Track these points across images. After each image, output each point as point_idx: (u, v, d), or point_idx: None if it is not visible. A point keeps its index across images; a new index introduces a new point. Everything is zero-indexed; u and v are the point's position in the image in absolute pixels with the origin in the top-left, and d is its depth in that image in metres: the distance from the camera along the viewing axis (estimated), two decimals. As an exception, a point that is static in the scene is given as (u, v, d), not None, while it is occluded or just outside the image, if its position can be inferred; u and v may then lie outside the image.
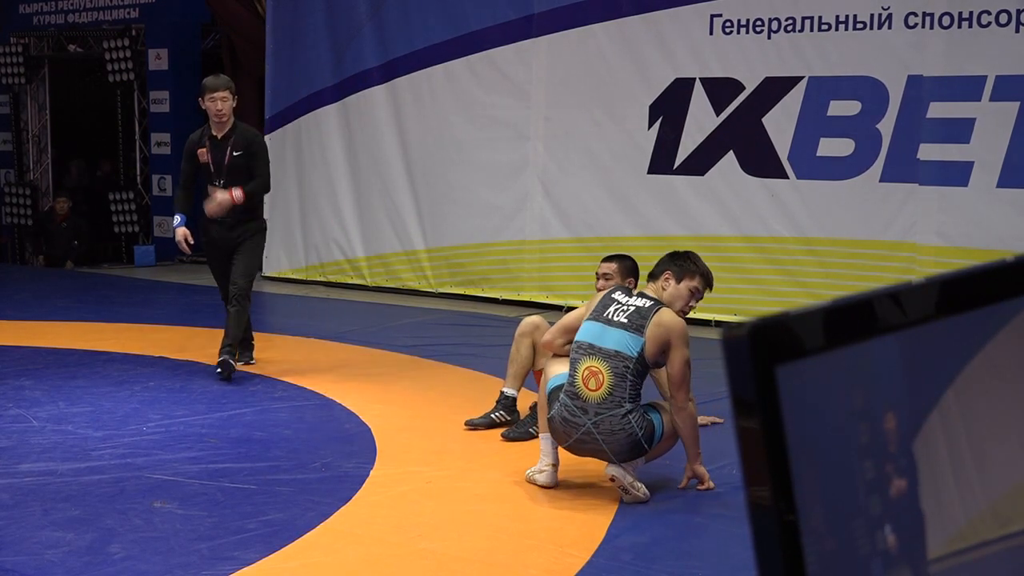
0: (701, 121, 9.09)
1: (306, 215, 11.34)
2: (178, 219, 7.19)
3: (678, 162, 9.22)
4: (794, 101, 8.68)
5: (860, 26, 8.40)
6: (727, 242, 8.97)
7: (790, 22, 8.67)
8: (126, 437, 5.78)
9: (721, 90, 8.98)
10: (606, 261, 5.76)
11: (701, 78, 9.06)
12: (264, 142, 7.33)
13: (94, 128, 14.47)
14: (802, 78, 8.64)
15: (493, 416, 5.91)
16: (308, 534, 4.41)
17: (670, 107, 9.22)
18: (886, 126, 8.32)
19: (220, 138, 7.05)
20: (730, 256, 8.89)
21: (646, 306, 4.76)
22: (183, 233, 7.11)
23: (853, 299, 0.72)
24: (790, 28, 8.68)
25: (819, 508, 0.68)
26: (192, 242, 7.12)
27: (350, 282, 11.06)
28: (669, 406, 4.82)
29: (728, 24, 8.92)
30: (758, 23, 8.80)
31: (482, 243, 10.24)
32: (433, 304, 10.18)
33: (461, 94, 10.25)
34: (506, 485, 5.06)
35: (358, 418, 6.21)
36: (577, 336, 4.83)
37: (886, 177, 8.36)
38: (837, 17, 8.48)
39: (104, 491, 4.91)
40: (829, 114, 8.57)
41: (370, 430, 5.96)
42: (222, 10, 12.21)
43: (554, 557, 4.22)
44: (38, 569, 4.05)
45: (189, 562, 4.12)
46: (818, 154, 8.63)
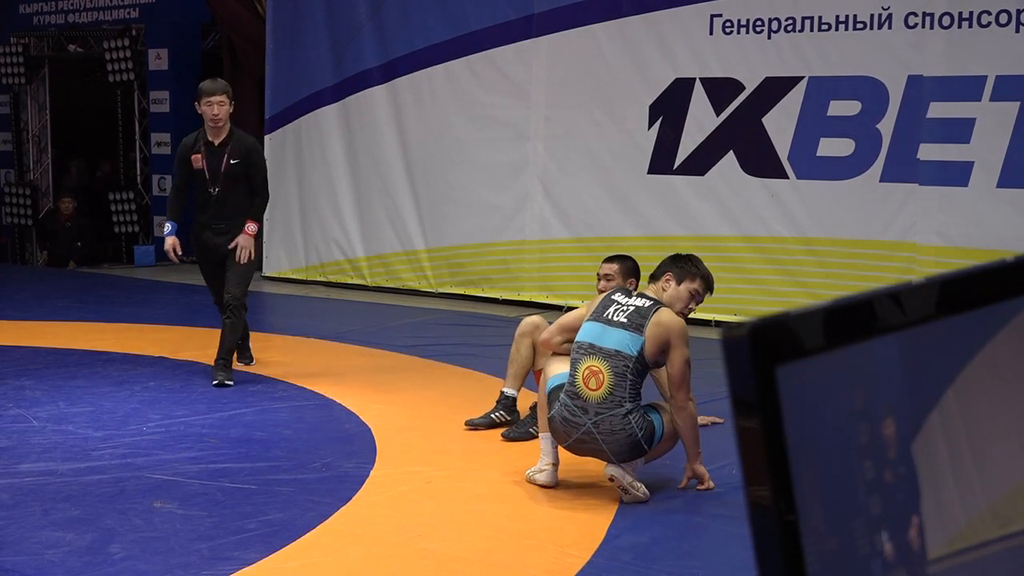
0: (701, 121, 9.09)
1: (306, 215, 11.34)
2: (168, 227, 7.00)
3: (678, 162, 9.22)
4: (794, 101, 8.67)
5: (860, 26, 8.40)
6: (727, 242, 8.97)
7: (790, 22, 8.67)
8: (126, 437, 5.78)
9: (721, 90, 8.98)
10: (608, 262, 5.76)
11: (701, 78, 9.06)
12: (262, 150, 7.11)
13: (94, 128, 14.47)
14: (802, 78, 8.64)
15: (493, 416, 5.91)
16: (308, 534, 4.41)
17: (670, 107, 9.22)
18: (886, 126, 8.32)
19: (217, 144, 6.84)
20: (730, 256, 8.89)
21: (645, 306, 4.77)
22: (172, 243, 6.94)
23: (853, 299, 0.72)
24: (790, 28, 8.68)
25: (819, 508, 0.68)
26: (180, 252, 6.96)
27: (350, 282, 11.06)
28: (669, 406, 4.83)
29: (728, 24, 8.92)
30: (758, 23, 8.80)
31: (482, 243, 10.24)
32: (433, 304, 10.18)
33: (461, 94, 10.24)
34: (506, 485, 5.06)
35: (358, 418, 6.21)
36: (578, 336, 4.85)
37: (886, 177, 8.36)
38: (837, 17, 8.48)
39: (104, 491, 4.91)
40: (829, 114, 8.57)
41: (370, 430, 5.96)
42: (222, 10, 12.21)
43: (554, 557, 4.22)
44: (38, 569, 4.05)
45: (189, 562, 4.12)
46: (818, 154, 8.63)
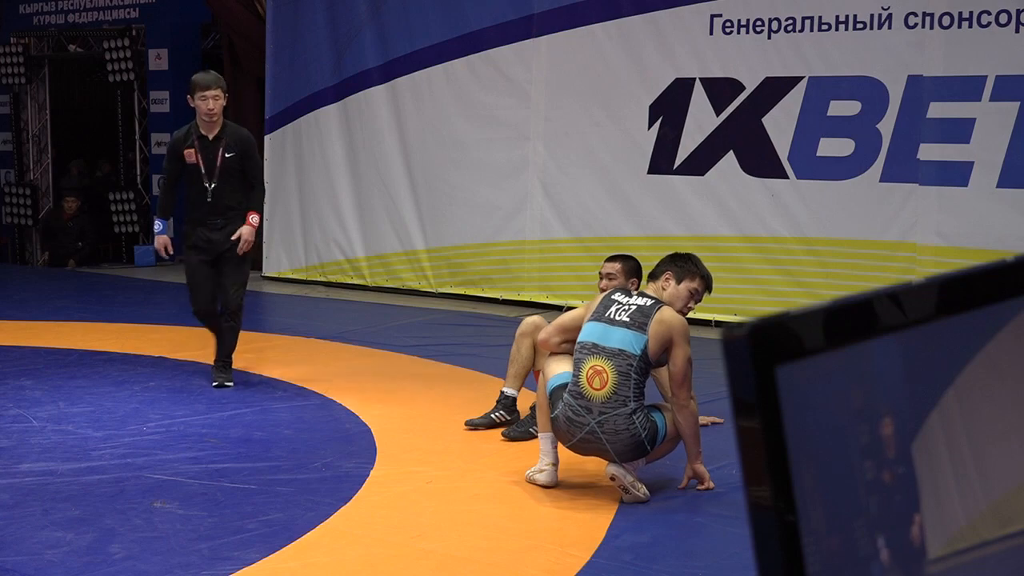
0: (701, 121, 9.09)
1: (306, 215, 11.34)
2: (159, 225, 6.86)
3: (678, 162, 9.22)
4: (794, 101, 8.67)
5: (860, 26, 8.39)
6: (727, 242, 8.97)
7: (790, 22, 8.67)
8: (126, 437, 5.78)
9: (721, 90, 8.98)
10: (610, 261, 5.76)
11: (701, 78, 9.06)
12: (255, 141, 6.97)
13: (94, 128, 14.48)
14: (802, 78, 8.64)
15: (493, 416, 5.91)
16: (308, 534, 4.41)
17: (670, 107, 9.22)
18: (886, 126, 8.32)
19: (211, 138, 6.67)
20: (730, 256, 8.89)
21: (647, 304, 4.77)
22: (163, 242, 6.81)
23: (853, 299, 0.72)
24: (790, 28, 8.68)
25: (819, 508, 0.68)
26: (171, 252, 6.87)
27: (350, 282, 11.06)
28: (671, 407, 4.83)
29: (728, 24, 8.92)
30: (758, 23, 8.80)
31: (482, 243, 10.24)
32: (433, 304, 10.18)
33: (461, 94, 10.24)
34: (506, 485, 5.05)
35: (358, 418, 6.21)
36: (580, 336, 4.84)
37: (886, 177, 8.36)
38: (837, 17, 8.48)
39: (104, 491, 4.91)
40: (829, 114, 8.57)
41: (370, 430, 5.96)
42: (222, 10, 12.20)
43: (554, 557, 4.22)
44: (38, 569, 4.05)
45: (189, 562, 4.11)
46: (818, 154, 8.63)
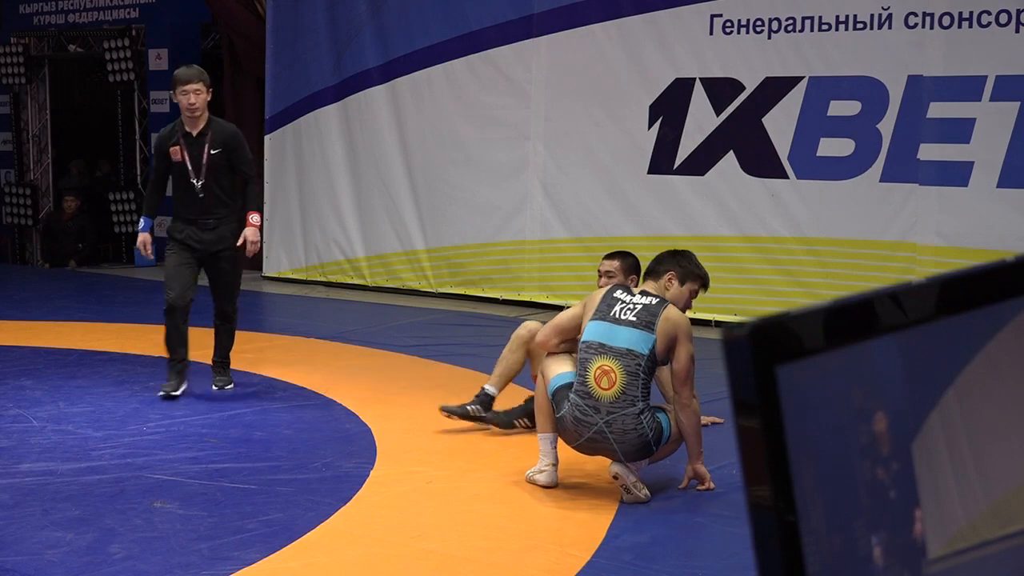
0: (701, 121, 9.09)
1: (306, 215, 11.34)
2: (143, 223, 6.71)
3: (678, 162, 9.22)
4: (794, 101, 8.67)
5: (860, 26, 8.39)
6: (727, 242, 8.97)
7: (790, 22, 8.67)
8: (126, 437, 5.78)
9: (721, 90, 8.98)
10: (608, 259, 5.75)
11: (701, 78, 9.06)
12: (241, 135, 6.76)
13: (94, 128, 14.47)
14: (802, 78, 8.64)
15: (469, 408, 5.84)
16: (308, 534, 4.41)
17: (670, 107, 9.22)
18: (886, 126, 8.32)
19: (196, 135, 6.49)
20: (730, 256, 8.89)
21: (653, 303, 4.76)
22: (144, 239, 6.63)
23: (853, 299, 0.72)
24: (790, 28, 8.67)
25: (819, 508, 0.68)
26: (152, 254, 6.72)
27: (350, 282, 11.06)
28: (673, 407, 4.83)
29: (728, 24, 8.92)
30: (758, 23, 8.80)
31: (482, 243, 10.24)
32: (433, 304, 10.18)
33: (461, 94, 10.24)
34: (506, 485, 5.05)
35: (358, 418, 6.21)
36: (585, 336, 4.82)
37: (886, 177, 8.36)
38: (837, 17, 8.48)
39: (104, 491, 4.91)
40: (829, 114, 8.57)
41: (370, 430, 5.96)
42: (222, 10, 12.20)
43: (554, 557, 4.22)
44: (38, 569, 4.05)
45: (189, 562, 4.11)
46: (818, 154, 8.63)
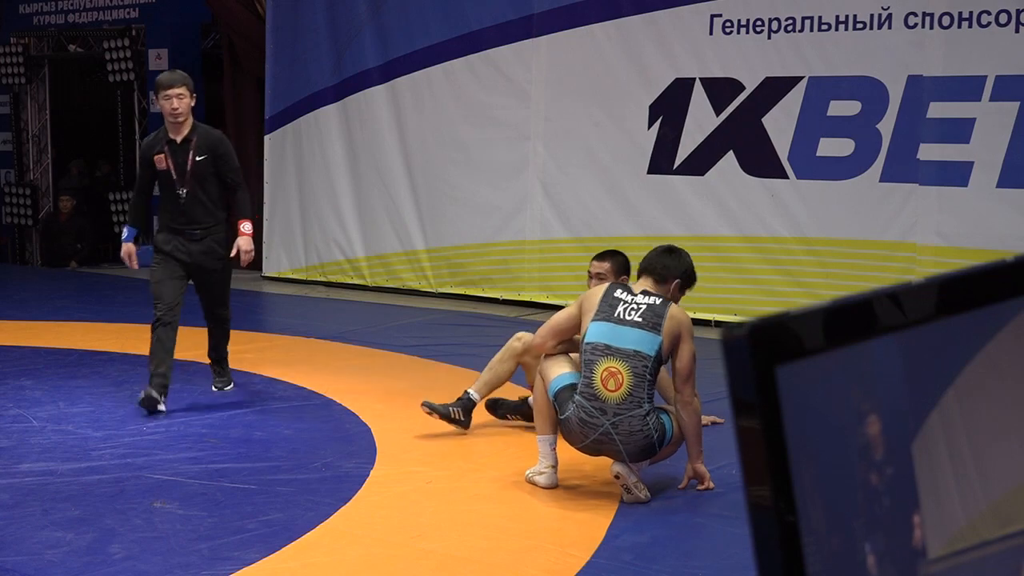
0: (701, 121, 9.09)
1: (306, 215, 11.34)
2: (126, 232, 6.55)
3: (678, 162, 9.22)
4: (794, 101, 8.67)
5: (860, 26, 8.39)
6: (727, 242, 8.97)
7: (790, 22, 8.67)
8: (126, 437, 5.78)
9: (721, 90, 8.97)
10: (598, 260, 5.71)
11: (701, 78, 9.06)
12: (228, 141, 6.58)
13: (94, 128, 14.47)
14: (802, 78, 8.64)
15: (451, 409, 5.80)
16: (308, 534, 4.41)
17: (670, 107, 9.22)
18: (886, 126, 8.32)
19: (180, 141, 6.32)
20: (730, 256, 8.90)
21: (657, 303, 4.76)
22: (128, 251, 6.50)
23: (853, 299, 0.72)
24: (790, 28, 8.67)
25: (819, 508, 0.68)
26: (136, 265, 6.59)
27: (350, 282, 11.06)
28: (674, 408, 4.83)
29: (728, 24, 8.92)
30: (758, 23, 8.80)
31: (482, 243, 10.24)
32: (433, 304, 10.18)
33: (461, 94, 10.24)
34: (506, 485, 5.05)
35: (358, 418, 6.21)
36: (589, 337, 4.78)
37: (886, 177, 8.35)
38: (837, 17, 8.48)
39: (104, 491, 4.91)
40: (829, 114, 8.57)
41: (370, 430, 5.96)
42: (222, 10, 12.21)
43: (554, 557, 4.22)
44: (38, 569, 4.05)
45: (189, 562, 4.11)
46: (818, 154, 8.63)
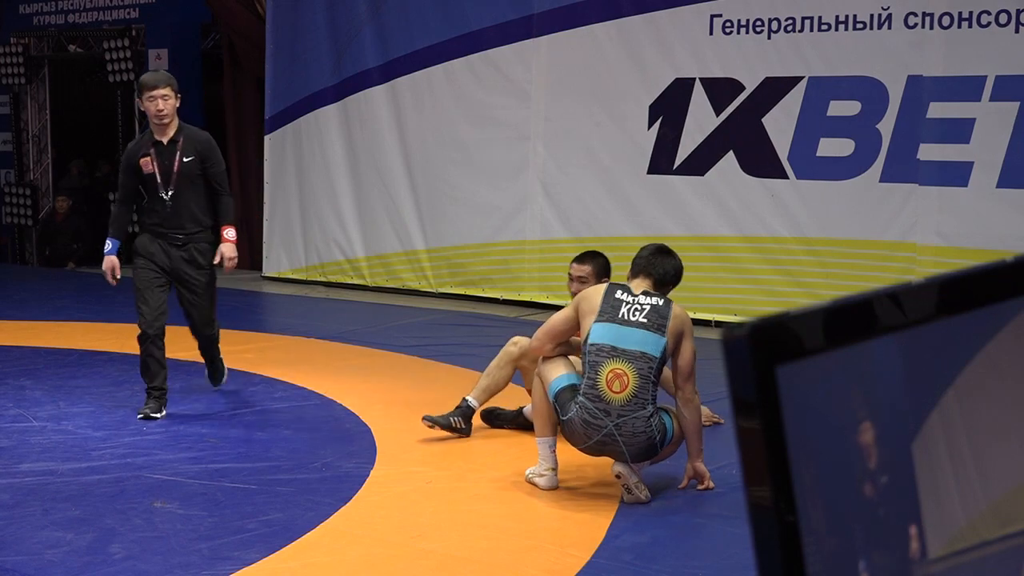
0: (701, 121, 9.09)
1: (306, 215, 11.34)
2: (110, 245, 6.31)
3: (678, 162, 9.21)
4: (794, 101, 8.67)
5: (860, 26, 8.39)
6: (727, 242, 8.97)
7: (790, 22, 8.67)
8: (126, 437, 5.78)
9: (721, 90, 8.97)
10: (579, 262, 5.67)
11: (701, 78, 9.06)
12: (215, 143, 6.39)
13: (94, 128, 14.47)
14: (802, 78, 8.64)
15: (451, 420, 5.74)
16: (308, 534, 4.41)
17: (670, 107, 9.22)
18: (886, 126, 8.32)
19: (166, 143, 6.13)
20: (730, 256, 8.89)
21: (660, 304, 4.76)
22: (111, 264, 6.25)
23: (853, 299, 0.72)
24: (790, 28, 8.67)
25: (819, 508, 0.68)
26: (119, 277, 6.31)
27: (350, 282, 11.06)
28: (674, 408, 4.83)
29: (728, 24, 8.92)
30: (758, 23, 8.79)
31: (482, 243, 10.24)
32: (433, 304, 10.18)
33: (461, 94, 10.24)
34: (506, 485, 5.05)
35: (358, 418, 6.21)
36: (592, 339, 4.75)
37: (886, 177, 8.35)
38: (837, 17, 8.48)
39: (104, 491, 4.91)
40: (829, 114, 8.56)
41: (370, 430, 5.96)
42: (222, 10, 12.21)
43: (554, 557, 4.22)
44: (38, 569, 4.05)
45: (189, 562, 4.12)
46: (818, 154, 8.62)
